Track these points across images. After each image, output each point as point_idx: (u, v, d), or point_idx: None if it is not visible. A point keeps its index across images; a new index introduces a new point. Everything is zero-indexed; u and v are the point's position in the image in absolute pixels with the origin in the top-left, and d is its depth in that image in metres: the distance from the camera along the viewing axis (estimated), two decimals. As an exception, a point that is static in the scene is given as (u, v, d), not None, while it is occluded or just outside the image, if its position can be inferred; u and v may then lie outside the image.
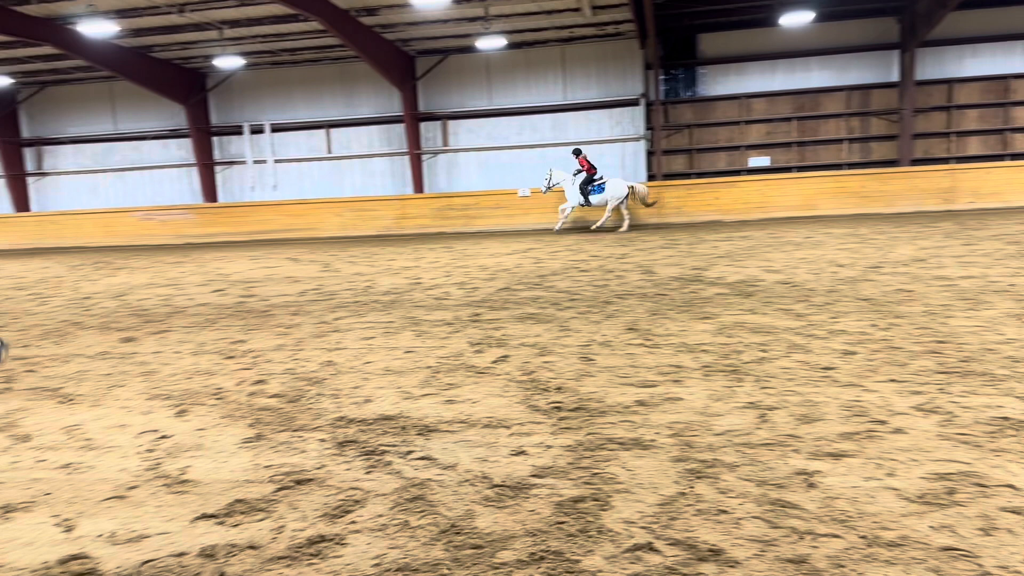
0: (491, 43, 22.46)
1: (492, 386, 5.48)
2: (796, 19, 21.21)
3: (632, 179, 24.19)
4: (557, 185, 20.39)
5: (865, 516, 3.17)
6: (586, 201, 20.08)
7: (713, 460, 3.85)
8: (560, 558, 2.94)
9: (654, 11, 20.45)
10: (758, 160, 23.75)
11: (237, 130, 26.94)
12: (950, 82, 22.58)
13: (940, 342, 6.09)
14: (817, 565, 2.81)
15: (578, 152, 20.37)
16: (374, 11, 20.60)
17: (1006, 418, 4.27)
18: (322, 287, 11.41)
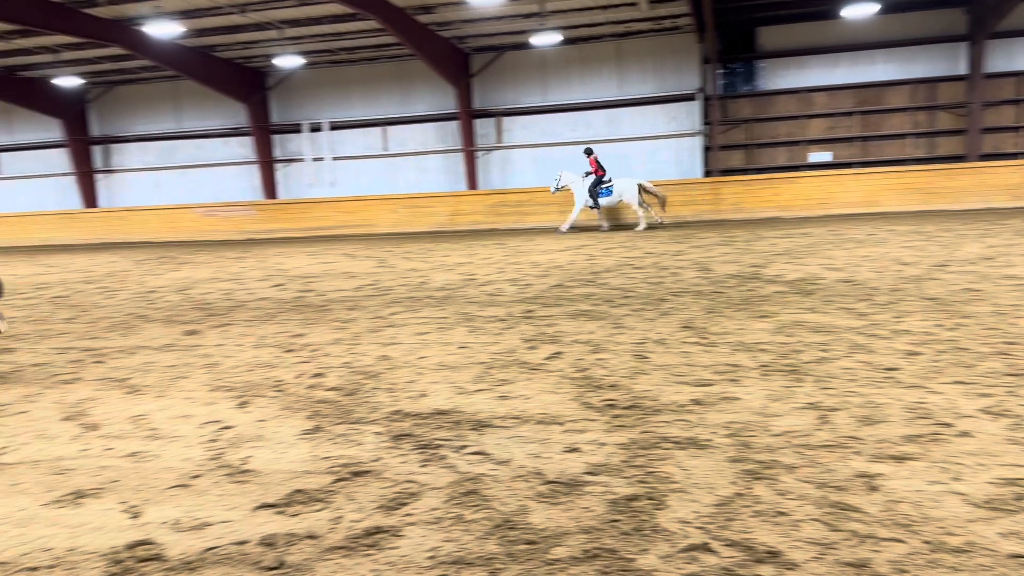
0: (546, 39, 22.42)
1: (545, 382, 5.48)
2: (859, 11, 20.69)
3: (688, 175, 23.93)
4: (566, 187, 20.24)
5: (929, 521, 3.09)
6: (595, 203, 19.78)
7: (771, 461, 3.79)
8: (614, 556, 2.93)
9: (713, 4, 20.17)
10: (819, 155, 23.23)
11: (296, 128, 27.44)
12: (1020, 75, 21.77)
13: (1009, 343, 5.89)
14: (879, 570, 2.74)
15: (589, 152, 20.17)
16: (430, 9, 20.75)
17: (1081, 423, 4.11)
18: (378, 282, 11.56)
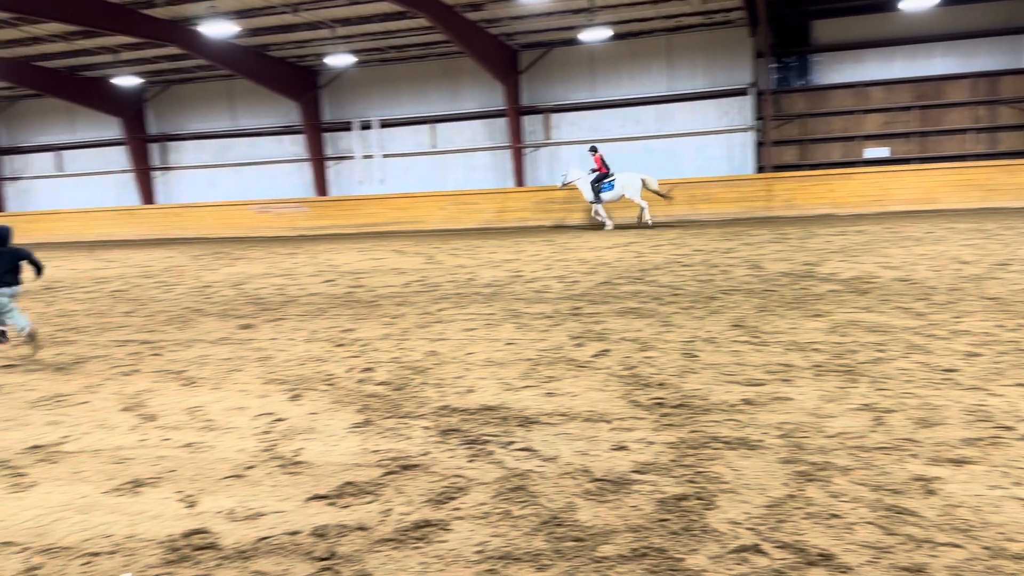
0: (595, 35, 22.28)
1: (592, 380, 5.46)
2: (918, 3, 20.11)
3: (740, 171, 23.58)
4: (571, 183, 20.74)
5: (989, 526, 3.01)
6: (596, 198, 20.16)
7: (825, 463, 3.72)
8: (663, 555, 2.91)
9: (765, -1, 19.86)
10: (876, 151, 22.66)
11: (347, 126, 27.77)
12: (1088, 67, 20.95)
13: (1077, 345, 5.69)
14: (936, 575, 2.68)
15: (594, 150, 20.52)
16: (479, 6, 20.80)
17: None
18: (426, 279, 11.65)
